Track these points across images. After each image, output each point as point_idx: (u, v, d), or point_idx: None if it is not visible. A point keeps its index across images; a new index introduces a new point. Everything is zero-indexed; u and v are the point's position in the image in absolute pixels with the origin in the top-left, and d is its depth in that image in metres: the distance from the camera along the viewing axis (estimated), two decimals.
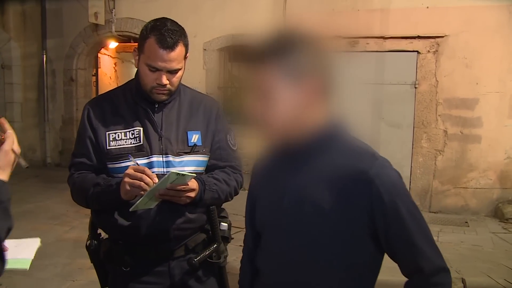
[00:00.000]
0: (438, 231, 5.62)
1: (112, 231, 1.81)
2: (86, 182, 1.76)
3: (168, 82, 1.71)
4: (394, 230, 1.12)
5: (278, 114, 1.12)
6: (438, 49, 6.45)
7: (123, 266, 1.77)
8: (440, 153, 6.57)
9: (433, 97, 6.53)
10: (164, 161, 1.75)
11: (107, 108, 1.82)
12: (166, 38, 1.65)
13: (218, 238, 1.86)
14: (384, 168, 1.12)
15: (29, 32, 9.13)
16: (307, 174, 1.17)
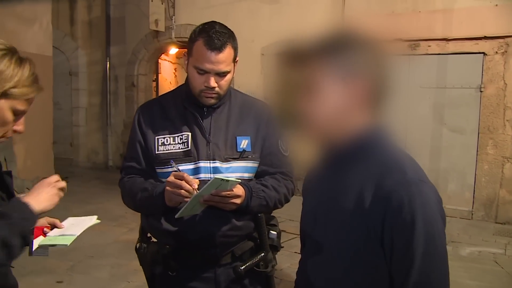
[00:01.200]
0: (505, 243, 5.29)
1: (159, 235, 1.81)
2: (135, 186, 1.77)
3: (216, 85, 1.69)
4: (396, 257, 0.99)
5: (323, 113, 1.08)
6: (507, 49, 6.09)
7: (169, 270, 1.76)
8: (508, 161, 6.19)
9: (500, 101, 6.17)
10: (211, 166, 1.73)
11: (157, 113, 1.82)
12: (214, 40, 1.64)
13: (266, 247, 1.81)
14: (410, 185, 0.98)
15: (95, 40, 9.54)
16: (340, 183, 1.10)
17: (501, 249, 5.09)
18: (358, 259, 1.03)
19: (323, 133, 1.10)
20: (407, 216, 0.96)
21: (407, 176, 1.00)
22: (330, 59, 1.06)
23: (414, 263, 0.96)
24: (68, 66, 9.63)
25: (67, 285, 3.88)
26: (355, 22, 1.21)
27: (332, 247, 1.09)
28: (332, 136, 1.10)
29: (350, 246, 1.04)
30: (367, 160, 1.07)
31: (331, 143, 1.12)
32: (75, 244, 4.18)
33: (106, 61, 9.36)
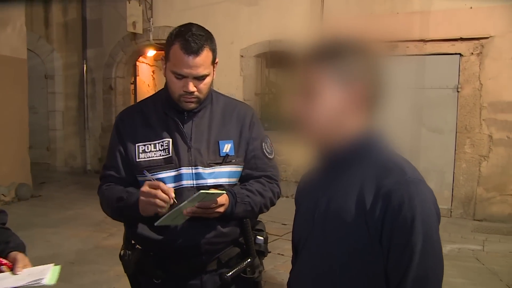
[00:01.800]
0: (483, 240, 5.40)
1: (143, 243, 1.77)
2: (112, 195, 1.73)
3: (195, 89, 1.65)
4: (394, 254, 1.01)
5: (321, 116, 1.08)
6: (482, 51, 6.21)
7: (154, 278, 1.73)
8: (485, 159, 6.31)
9: (476, 101, 6.29)
10: (193, 173, 1.69)
11: (137, 120, 1.77)
12: (190, 44, 1.59)
13: (252, 252, 1.78)
14: (409, 185, 1.01)
15: (71, 43, 9.40)
16: (338, 186, 1.11)
17: (480, 245, 5.18)
18: (357, 257, 1.05)
19: (320, 136, 1.11)
20: (407, 214, 0.98)
21: (407, 176, 1.03)
22: (328, 64, 1.07)
23: (413, 260, 0.99)
24: (44, 69, 9.46)
25: None
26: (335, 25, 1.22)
27: (331, 250, 1.09)
28: (329, 140, 1.11)
29: (351, 247, 1.05)
30: (365, 163, 1.09)
31: (327, 147, 1.12)
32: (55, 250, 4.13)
33: (83, 64, 9.23)
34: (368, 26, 6.69)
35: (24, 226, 5.48)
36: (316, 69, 1.08)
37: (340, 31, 1.14)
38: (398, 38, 6.45)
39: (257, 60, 7.95)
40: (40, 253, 4.65)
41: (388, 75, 1.11)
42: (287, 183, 7.66)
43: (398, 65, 6.42)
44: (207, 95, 1.73)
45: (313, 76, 1.08)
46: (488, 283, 4.08)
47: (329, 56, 1.07)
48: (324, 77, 1.07)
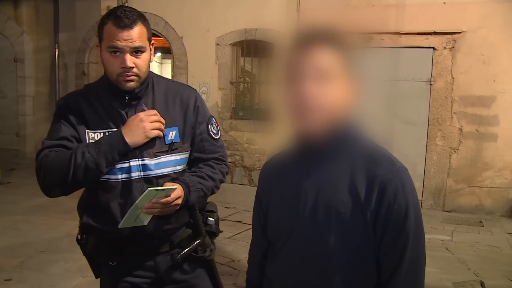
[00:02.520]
0: (452, 230, 5.54)
1: (96, 232, 1.77)
2: (70, 153, 1.60)
3: (133, 65, 1.62)
4: (390, 239, 1.08)
5: (330, 99, 1.09)
6: (454, 45, 6.33)
7: (109, 261, 1.76)
8: (455, 151, 6.47)
9: (448, 94, 6.42)
10: (140, 164, 1.68)
11: (84, 105, 1.71)
12: (122, 19, 1.60)
13: (201, 232, 1.84)
14: (400, 174, 1.08)
15: (42, 26, 9.15)
16: (325, 176, 1.14)
17: (449, 236, 5.32)
18: (352, 246, 1.09)
19: (322, 121, 1.10)
20: (402, 201, 1.06)
21: (397, 165, 1.10)
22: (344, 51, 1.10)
23: (409, 243, 1.07)
24: (13, 52, 9.19)
25: (17, 283, 3.71)
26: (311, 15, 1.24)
27: (323, 240, 1.11)
28: (326, 127, 1.11)
29: (345, 237, 1.09)
30: (350, 153, 1.13)
31: (312, 136, 1.12)
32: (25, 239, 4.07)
33: (55, 48, 9.01)
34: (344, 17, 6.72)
35: None
36: (335, 55, 1.09)
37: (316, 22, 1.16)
38: (373, 30, 6.51)
39: (232, 49, 7.91)
40: (10, 242, 4.56)
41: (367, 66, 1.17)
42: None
43: (373, 57, 6.49)
44: (146, 75, 1.70)
45: (331, 61, 1.08)
46: (457, 272, 4.19)
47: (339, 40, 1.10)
48: (337, 62, 1.09)
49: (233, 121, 7.90)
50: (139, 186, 1.66)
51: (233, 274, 4.04)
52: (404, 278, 1.08)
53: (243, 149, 7.80)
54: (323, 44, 1.09)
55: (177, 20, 7.97)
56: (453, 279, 3.98)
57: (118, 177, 1.66)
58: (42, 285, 3.66)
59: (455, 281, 3.94)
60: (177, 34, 8.06)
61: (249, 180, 7.78)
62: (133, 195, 1.65)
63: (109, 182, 1.66)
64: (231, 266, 4.23)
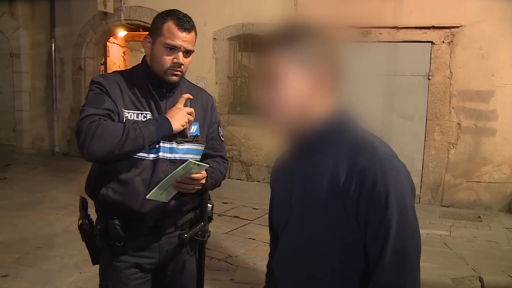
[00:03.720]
0: (450, 225, 5.53)
1: (108, 207, 1.86)
2: (123, 125, 1.75)
3: (183, 63, 1.83)
4: (371, 230, 1.03)
5: (285, 102, 1.09)
6: (453, 39, 6.30)
7: (117, 241, 1.86)
8: (453, 146, 6.45)
9: (447, 89, 6.40)
10: (168, 147, 1.86)
11: (121, 85, 1.86)
12: (184, 22, 1.82)
13: (205, 218, 2.03)
14: (382, 161, 1.03)
15: (38, 21, 9.09)
16: (312, 168, 1.13)
17: (447, 231, 5.31)
18: (336, 237, 1.06)
19: (286, 122, 1.11)
20: (381, 190, 1.00)
21: (379, 152, 1.04)
22: (289, 49, 1.08)
23: (390, 234, 1.01)
24: (9, 47, 9.13)
25: (14, 279, 3.68)
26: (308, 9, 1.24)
27: (310, 229, 1.11)
28: (297, 125, 1.12)
29: (328, 225, 1.07)
30: (336, 142, 1.10)
31: (297, 132, 1.13)
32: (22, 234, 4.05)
33: (51, 43, 8.94)
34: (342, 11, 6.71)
35: None
36: (277, 53, 1.09)
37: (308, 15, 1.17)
38: (371, 24, 6.48)
39: (230, 43, 7.87)
40: (6, 237, 4.54)
41: (348, 58, 1.14)
42: (259, 168, 7.67)
43: (371, 51, 6.46)
44: (184, 74, 1.92)
45: (274, 60, 1.09)
46: (456, 267, 4.19)
47: (288, 40, 1.09)
48: (284, 62, 1.08)
49: (230, 116, 7.87)
50: (165, 166, 1.84)
51: (230, 270, 4.03)
52: (388, 271, 1.02)
53: (241, 144, 7.78)
54: (270, 48, 1.10)
55: None
56: (452, 274, 3.97)
57: (148, 156, 1.82)
58: (39, 281, 3.64)
59: (454, 276, 3.93)
60: None
61: (246, 175, 7.76)
62: (157, 173, 1.81)
63: (139, 159, 1.81)
64: (228, 261, 4.21)
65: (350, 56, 1.18)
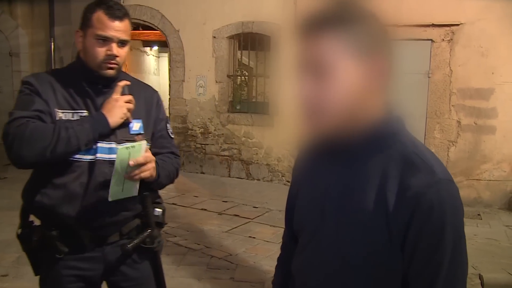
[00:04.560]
0: None
1: (47, 218, 1.74)
2: (53, 126, 1.61)
3: (118, 55, 1.71)
4: (419, 265, 0.91)
5: (337, 97, 0.91)
6: (453, 37, 6.30)
7: (56, 253, 1.72)
8: (453, 144, 6.45)
9: (446, 87, 6.40)
10: (107, 147, 1.73)
11: (53, 84, 1.72)
12: (115, 10, 1.69)
13: (151, 224, 1.85)
14: (440, 187, 0.89)
15: (37, 20, 9.06)
16: (354, 177, 0.98)
17: None
18: (374, 264, 0.94)
19: (334, 122, 0.94)
20: (437, 221, 0.88)
21: (437, 176, 0.90)
22: (341, 32, 0.90)
23: (442, 270, 0.90)
24: (8, 46, 9.10)
25: (13, 279, 3.68)
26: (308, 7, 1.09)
27: (346, 249, 0.98)
28: (345, 126, 0.95)
29: (368, 249, 0.94)
30: (385, 153, 0.96)
31: (342, 134, 0.96)
32: None
33: (50, 42, 8.92)
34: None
35: None
36: (327, 39, 0.90)
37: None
38: None
39: (229, 42, 7.86)
40: (6, 237, 4.52)
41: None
42: (259, 166, 7.67)
43: None
44: (122, 66, 1.78)
45: (325, 47, 0.90)
46: None
47: (340, 21, 0.91)
48: (337, 49, 0.90)
49: (230, 114, 7.86)
50: (104, 168, 1.70)
51: (230, 269, 4.03)
52: None
53: (241, 142, 7.77)
54: (321, 30, 0.91)
55: (174, 13, 7.91)
56: None
57: (85, 157, 1.69)
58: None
59: None
60: (173, 27, 8.00)
61: (246, 173, 7.76)
62: (96, 176, 1.68)
63: (75, 161, 1.67)
64: (228, 260, 4.21)
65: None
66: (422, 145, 0.99)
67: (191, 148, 8.21)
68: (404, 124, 1.01)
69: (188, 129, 8.17)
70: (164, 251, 4.53)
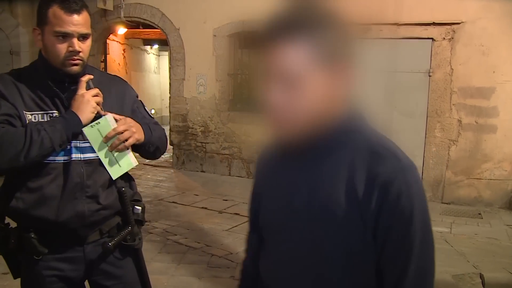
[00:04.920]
0: (451, 222, 5.52)
1: (23, 219, 1.71)
2: (24, 129, 1.57)
3: (81, 50, 1.64)
4: (392, 248, 0.95)
5: (306, 105, 0.93)
6: (453, 36, 6.28)
7: (35, 255, 1.69)
8: (454, 143, 6.44)
9: (447, 86, 6.38)
10: (81, 146, 1.70)
11: (19, 86, 1.66)
12: (71, 3, 1.60)
13: (131, 221, 1.83)
14: (405, 173, 0.94)
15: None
16: (321, 172, 1.00)
17: (447, 228, 5.30)
18: (349, 250, 0.97)
19: (304, 125, 0.96)
20: (406, 205, 0.92)
21: (402, 162, 0.95)
22: (310, 39, 0.89)
23: (413, 251, 0.93)
24: (9, 44, 9.10)
25: None
26: None
27: (321, 241, 0.99)
28: (314, 127, 0.97)
29: (341, 238, 0.97)
30: (349, 147, 0.99)
31: (309, 134, 0.98)
32: None
33: None
34: (342, 7, 6.65)
35: None
36: (295, 45, 0.89)
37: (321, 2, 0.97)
38: (372, 21, 6.46)
39: (230, 40, 7.85)
40: None
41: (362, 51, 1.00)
42: None
43: (372, 48, 6.44)
44: (87, 60, 1.73)
45: (292, 55, 0.90)
46: (456, 264, 4.18)
47: (309, 27, 0.90)
48: (305, 56, 0.90)
49: (230, 113, 7.85)
50: (79, 168, 1.67)
51: (231, 267, 4.02)
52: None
53: (241, 141, 7.76)
54: (291, 36, 0.90)
55: (174, 11, 7.90)
56: (452, 271, 3.96)
57: (60, 159, 1.65)
58: None
59: (454, 273, 3.92)
60: (173, 25, 7.99)
61: (247, 172, 7.75)
62: (72, 177, 1.66)
63: (50, 163, 1.64)
64: (229, 258, 4.21)
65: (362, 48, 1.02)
66: (384, 136, 1.02)
67: (191, 146, 8.20)
68: (366, 119, 1.04)
69: (188, 127, 8.16)
70: (164, 250, 4.54)
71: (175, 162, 8.40)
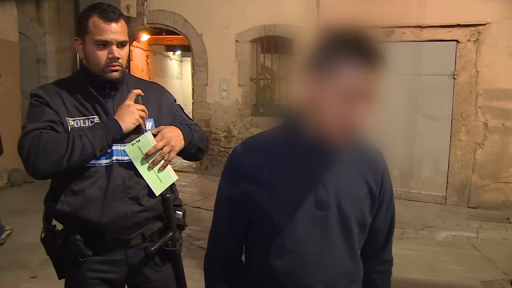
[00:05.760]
0: (477, 227, 5.41)
1: (69, 222, 1.75)
2: (67, 135, 1.64)
3: (120, 56, 1.72)
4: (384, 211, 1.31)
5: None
6: (479, 37, 6.18)
7: (80, 256, 1.74)
8: (480, 146, 6.32)
9: (472, 88, 6.28)
10: (121, 149, 1.74)
11: (62, 94, 1.75)
12: (109, 13, 1.69)
13: (173, 226, 1.86)
14: (385, 160, 1.31)
15: (63, 26, 9.23)
16: (339, 178, 1.20)
17: (474, 232, 5.20)
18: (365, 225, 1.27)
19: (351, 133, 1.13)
20: (390, 181, 1.32)
21: (383, 154, 1.31)
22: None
23: (393, 212, 1.36)
24: (36, 53, 9.30)
25: (42, 280, 3.75)
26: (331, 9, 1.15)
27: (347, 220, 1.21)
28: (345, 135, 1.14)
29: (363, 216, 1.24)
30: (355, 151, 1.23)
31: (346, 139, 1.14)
32: None
33: None
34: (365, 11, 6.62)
35: (17, 212, 5.44)
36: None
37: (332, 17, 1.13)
38: (394, 24, 6.40)
39: (252, 45, 7.88)
40: (34, 239, 4.58)
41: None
42: None
43: (395, 51, 6.37)
44: (125, 66, 1.80)
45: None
46: (485, 270, 4.09)
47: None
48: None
49: (253, 118, 7.87)
50: (121, 170, 1.73)
51: None
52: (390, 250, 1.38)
53: None
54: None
55: (196, 17, 7.97)
56: (481, 278, 3.88)
57: (101, 162, 1.71)
58: None
59: (483, 280, 3.84)
60: (196, 31, 8.06)
61: None
62: (114, 179, 1.71)
63: (92, 167, 1.70)
64: None
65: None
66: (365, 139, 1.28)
67: (214, 151, 8.25)
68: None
69: (211, 132, 8.21)
70: (188, 255, 4.56)
71: (198, 167, 8.46)
